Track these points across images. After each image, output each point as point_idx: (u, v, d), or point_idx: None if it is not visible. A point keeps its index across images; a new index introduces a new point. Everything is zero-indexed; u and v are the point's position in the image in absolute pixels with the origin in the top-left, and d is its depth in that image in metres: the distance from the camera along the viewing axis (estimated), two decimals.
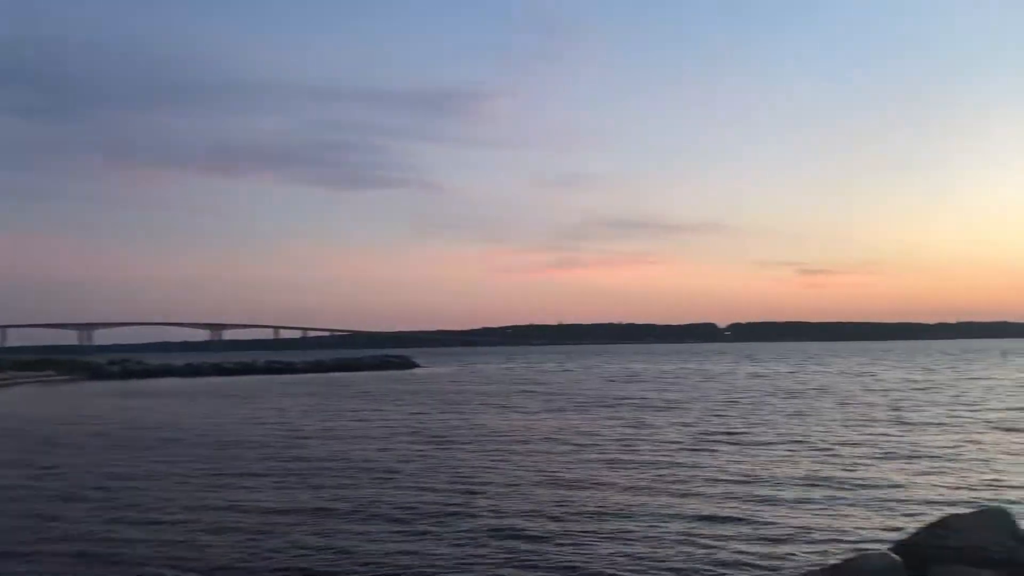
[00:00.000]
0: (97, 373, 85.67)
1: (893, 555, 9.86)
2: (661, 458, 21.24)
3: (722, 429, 27.74)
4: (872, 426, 28.16)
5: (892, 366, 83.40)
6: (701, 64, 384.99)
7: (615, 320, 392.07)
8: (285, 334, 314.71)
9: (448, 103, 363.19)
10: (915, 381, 55.92)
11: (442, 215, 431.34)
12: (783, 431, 26.98)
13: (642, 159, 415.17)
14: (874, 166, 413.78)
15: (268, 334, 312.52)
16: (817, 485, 17.11)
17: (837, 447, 22.88)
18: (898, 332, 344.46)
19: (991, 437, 24.54)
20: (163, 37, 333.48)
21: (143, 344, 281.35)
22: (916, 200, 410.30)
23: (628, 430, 28.00)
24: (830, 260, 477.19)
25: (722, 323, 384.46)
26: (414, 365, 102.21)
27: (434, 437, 27.05)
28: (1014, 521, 10.25)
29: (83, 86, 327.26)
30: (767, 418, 31.27)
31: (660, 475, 18.75)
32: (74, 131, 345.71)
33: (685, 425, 29.08)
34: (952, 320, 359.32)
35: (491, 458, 21.84)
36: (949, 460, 20.26)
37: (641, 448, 23.36)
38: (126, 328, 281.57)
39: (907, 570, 9.43)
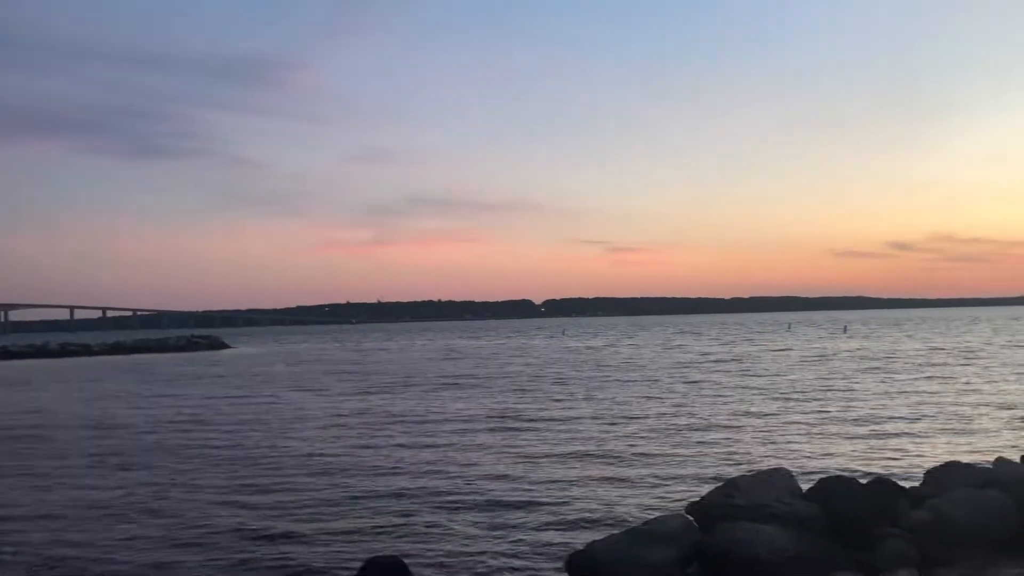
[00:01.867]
0: None
1: (687, 515, 10.33)
2: (455, 440, 20.90)
3: (524, 406, 28.17)
4: (670, 397, 29.59)
5: (695, 339, 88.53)
6: (513, 42, 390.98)
7: (434, 298, 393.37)
8: (82, 314, 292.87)
9: (248, 71, 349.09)
10: (713, 353, 59.66)
11: (250, 189, 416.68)
12: (588, 406, 27.77)
13: (455, 136, 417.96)
14: (680, 148, 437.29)
15: (63, 314, 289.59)
16: (610, 458, 17.64)
17: (630, 420, 23.81)
18: (698, 306, 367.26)
19: (778, 405, 26.37)
20: None
21: None
22: (716, 182, 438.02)
23: (420, 411, 27.41)
24: (636, 239, 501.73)
25: (537, 300, 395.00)
26: (224, 346, 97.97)
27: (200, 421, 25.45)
28: (794, 480, 11.02)
29: None
30: (572, 392, 32.05)
31: (447, 457, 18.62)
32: None
33: (484, 404, 28.99)
34: (745, 295, 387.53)
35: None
36: (740, 428, 21.58)
37: (432, 429, 22.97)
38: None
39: (699, 529, 9.89)
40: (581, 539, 10.84)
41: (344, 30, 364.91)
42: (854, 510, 10.00)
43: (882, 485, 10.73)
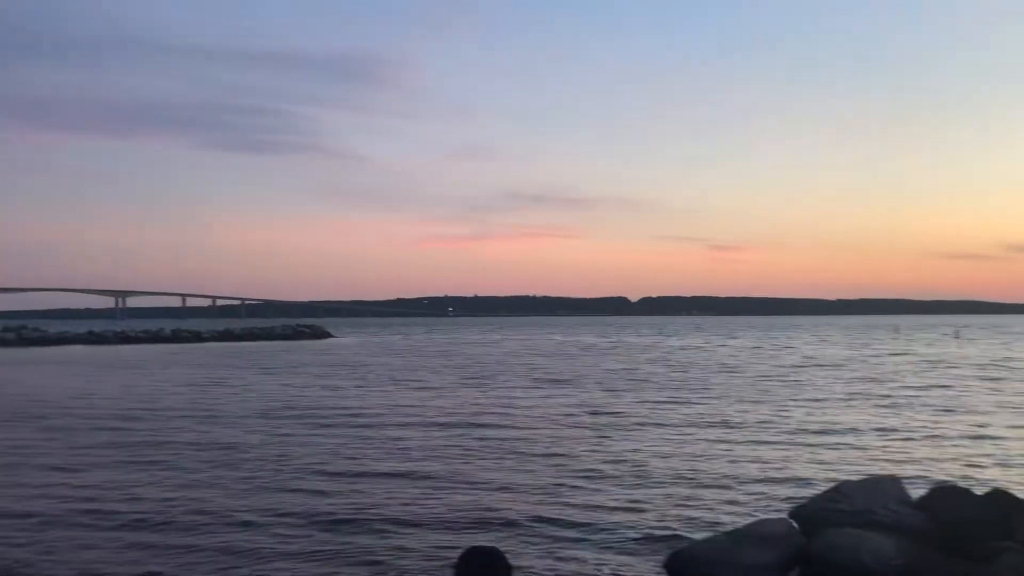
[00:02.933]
0: None
1: (789, 520, 10.18)
2: (552, 434, 21.27)
3: (622, 405, 28.06)
4: (773, 400, 29.02)
5: (799, 341, 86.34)
6: (613, 37, 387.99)
7: (529, 293, 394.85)
8: (193, 302, 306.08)
9: (353, 69, 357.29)
10: (817, 356, 58.07)
11: (353, 183, 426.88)
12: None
13: (552, 131, 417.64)
14: (782, 145, 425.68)
15: (175, 302, 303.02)
16: (713, 460, 17.46)
17: (734, 422, 23.47)
18: (801, 307, 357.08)
19: (887, 412, 25.54)
20: None
21: (43, 311, 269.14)
22: (820, 178, 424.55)
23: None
24: (736, 237, 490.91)
25: (633, 297, 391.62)
26: (327, 335, 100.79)
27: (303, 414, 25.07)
28: (903, 488, 10.70)
29: None
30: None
31: (545, 451, 18.81)
32: None
33: (580, 400, 29.21)
34: (851, 297, 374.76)
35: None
36: (847, 433, 21.02)
37: (528, 423, 23.28)
38: (22, 294, 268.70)
39: (801, 534, 9.74)
40: (682, 539, 10.82)
41: (446, 26, 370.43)
42: (967, 521, 9.65)
43: (999, 497, 10.31)
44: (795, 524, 10.03)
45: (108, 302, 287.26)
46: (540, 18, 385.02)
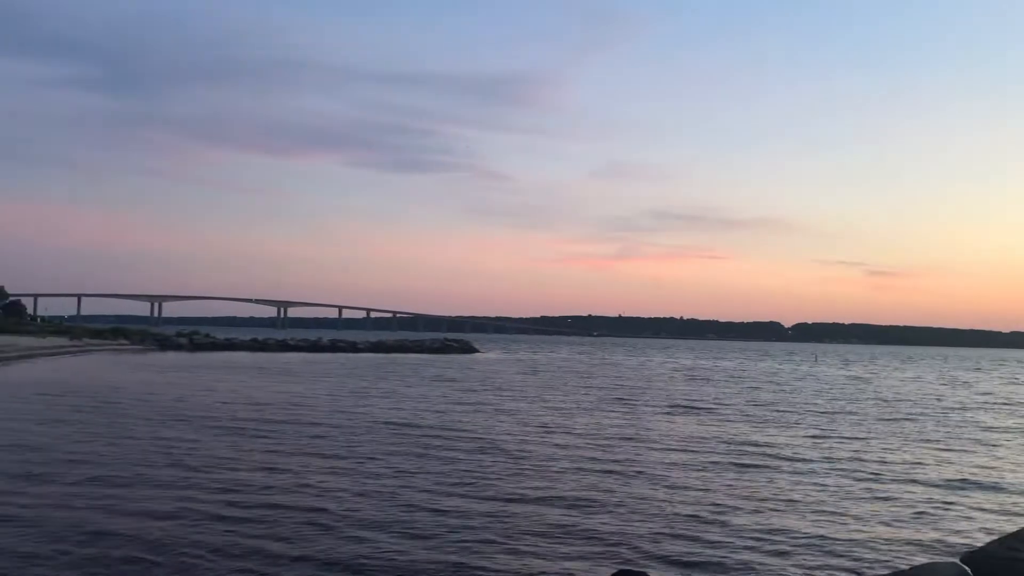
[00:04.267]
0: (166, 344, 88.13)
1: (962, 565, 9.57)
2: (699, 463, 20.80)
3: (771, 437, 27.09)
4: (940, 438, 27.38)
5: (968, 374, 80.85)
6: (764, 54, 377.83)
7: (676, 315, 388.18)
8: (349, 314, 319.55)
9: (502, 90, 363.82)
10: (988, 391, 54.24)
11: (500, 202, 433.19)
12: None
13: (700, 151, 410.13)
14: (943, 166, 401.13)
15: (332, 313, 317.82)
16: (878, 500, 16.65)
17: (898, 460, 22.27)
18: (970, 338, 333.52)
19: None
20: (237, 11, 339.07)
21: (210, 318, 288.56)
22: (989, 199, 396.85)
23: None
24: (897, 261, 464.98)
25: (787, 323, 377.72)
26: (474, 350, 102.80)
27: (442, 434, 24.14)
28: None
29: (145, 61, 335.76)
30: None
31: (692, 481, 18.41)
32: (139, 106, 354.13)
33: (726, 431, 28.41)
34: None
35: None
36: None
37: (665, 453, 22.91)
38: (195, 302, 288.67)
39: None
40: None
41: (593, 46, 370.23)
42: None
43: None
44: (968, 570, 9.42)
45: (271, 311, 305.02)
46: (688, 33, 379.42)
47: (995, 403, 42.96)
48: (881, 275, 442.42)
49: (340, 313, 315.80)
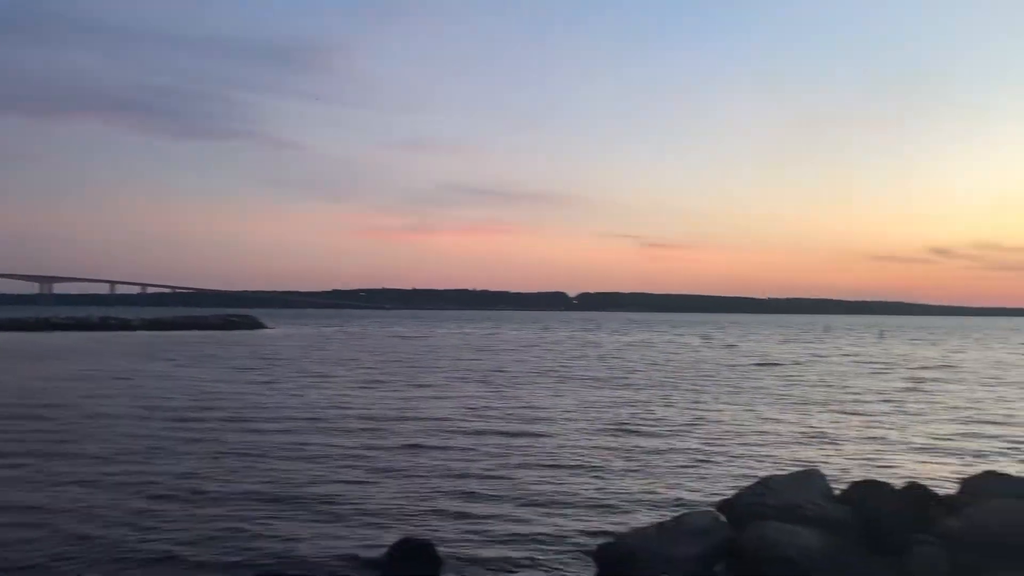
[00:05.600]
0: None
1: (716, 512, 10.33)
2: (480, 429, 21.25)
3: (556, 401, 28.09)
4: (705, 397, 29.50)
5: (733, 338, 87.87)
6: (554, 31, 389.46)
7: (468, 287, 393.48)
8: (122, 289, 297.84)
9: (294, 56, 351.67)
10: (749, 354, 59.19)
11: (291, 172, 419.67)
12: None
13: (492, 125, 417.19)
14: (717, 142, 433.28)
15: (103, 289, 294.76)
16: (642, 454, 17.69)
17: (662, 417, 23.77)
18: (733, 305, 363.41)
19: (816, 409, 26.17)
20: None
21: None
22: (754, 179, 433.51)
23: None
24: (673, 235, 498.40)
25: (571, 292, 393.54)
26: (261, 326, 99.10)
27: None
28: (827, 483, 10.96)
29: None
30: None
31: (471, 447, 18.81)
32: None
33: (518, 398, 29.21)
34: (781, 296, 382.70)
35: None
36: (777, 430, 21.51)
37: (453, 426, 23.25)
38: None
39: (729, 527, 9.89)
40: (611, 532, 10.91)
41: (391, 15, 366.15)
42: (886, 515, 9.92)
43: (916, 491, 10.63)
44: (723, 517, 10.18)
45: (32, 287, 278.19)
46: (490, 10, 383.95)
47: (759, 363, 47.00)
48: (657, 247, 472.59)
49: (112, 288, 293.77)
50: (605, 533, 10.93)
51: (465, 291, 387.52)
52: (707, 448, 17.97)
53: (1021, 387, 33.67)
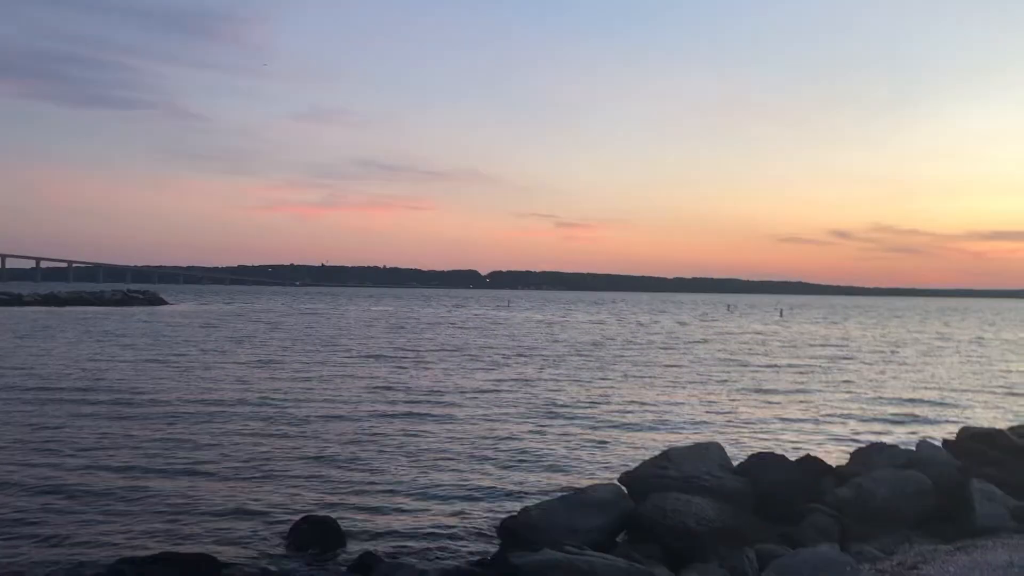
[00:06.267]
0: None
1: (619, 484, 10.47)
2: (388, 409, 21.12)
3: (463, 379, 28.11)
4: (611, 372, 29.95)
5: (644, 315, 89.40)
6: (473, 10, 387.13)
7: (380, 264, 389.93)
8: (14, 263, 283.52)
9: (200, 25, 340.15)
10: (657, 331, 60.37)
11: (194, 143, 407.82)
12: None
13: (405, 100, 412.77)
14: (631, 127, 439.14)
15: None
16: (547, 428, 17.85)
17: (568, 392, 24.03)
18: (642, 284, 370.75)
19: (718, 383, 26.85)
20: None
21: None
22: (665, 163, 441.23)
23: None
24: (585, 215, 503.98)
25: (484, 270, 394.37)
26: (162, 302, 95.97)
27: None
28: (726, 454, 11.24)
29: None
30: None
31: (378, 424, 18.68)
32: None
33: (422, 374, 29.12)
34: (688, 276, 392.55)
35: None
36: (680, 404, 21.97)
37: (361, 398, 23.08)
38: None
39: (630, 498, 10.04)
40: (516, 504, 10.95)
41: None
42: (781, 485, 10.27)
43: (809, 462, 11.03)
44: (624, 489, 10.33)
45: None
46: None
47: (665, 341, 48.00)
48: (569, 227, 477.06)
49: (3, 263, 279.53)
50: (509, 507, 10.96)
51: (376, 268, 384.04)
52: (612, 423, 18.24)
53: (910, 365, 35.33)
